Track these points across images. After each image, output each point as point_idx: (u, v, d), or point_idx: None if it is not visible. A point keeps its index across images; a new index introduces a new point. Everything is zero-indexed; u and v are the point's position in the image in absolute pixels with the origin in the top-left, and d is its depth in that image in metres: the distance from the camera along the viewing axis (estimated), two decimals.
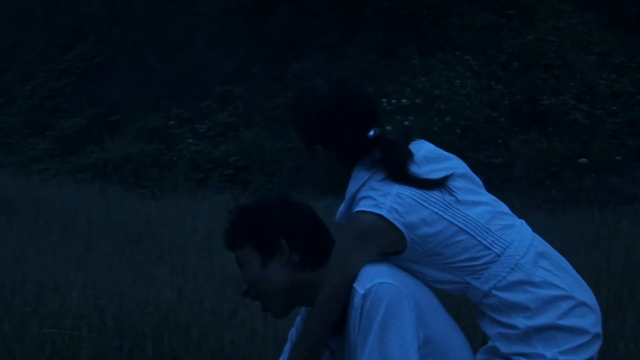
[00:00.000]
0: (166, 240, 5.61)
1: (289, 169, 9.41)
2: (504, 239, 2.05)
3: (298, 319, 2.16)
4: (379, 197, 1.94)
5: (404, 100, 9.84)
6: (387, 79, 10.44)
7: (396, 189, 1.97)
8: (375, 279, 1.87)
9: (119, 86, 11.88)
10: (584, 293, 2.09)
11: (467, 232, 2.04)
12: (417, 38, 10.98)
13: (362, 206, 1.95)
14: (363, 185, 1.99)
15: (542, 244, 2.13)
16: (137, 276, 4.53)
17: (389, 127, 2.32)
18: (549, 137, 9.22)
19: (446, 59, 10.53)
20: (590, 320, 2.04)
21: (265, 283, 2.00)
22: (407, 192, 1.97)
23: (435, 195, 2.02)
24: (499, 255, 2.03)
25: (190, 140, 10.21)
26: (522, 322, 1.96)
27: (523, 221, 2.20)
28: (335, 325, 1.94)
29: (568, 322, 1.99)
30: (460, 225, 2.04)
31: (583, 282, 2.13)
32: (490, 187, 8.68)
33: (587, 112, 9.46)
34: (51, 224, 6.08)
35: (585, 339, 2.00)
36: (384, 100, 9.96)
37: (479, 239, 2.04)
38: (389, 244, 1.97)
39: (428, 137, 9.49)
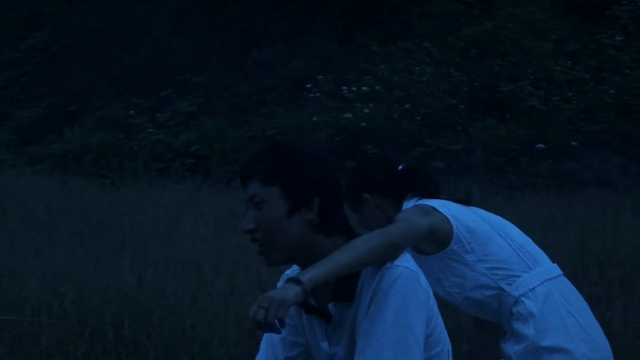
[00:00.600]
0: (127, 228, 5.59)
1: None
2: (535, 257, 2.27)
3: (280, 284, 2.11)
4: (427, 202, 2.30)
5: (364, 88, 9.90)
6: (347, 67, 10.49)
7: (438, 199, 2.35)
8: (404, 263, 1.87)
9: (78, 76, 11.74)
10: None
11: (503, 238, 2.27)
12: (376, 26, 11.04)
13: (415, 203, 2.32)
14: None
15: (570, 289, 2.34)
16: (98, 263, 4.52)
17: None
18: (507, 124, 9.34)
19: (406, 47, 10.62)
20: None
21: (281, 232, 1.88)
22: (448, 201, 2.37)
23: (471, 207, 2.41)
24: (530, 268, 2.24)
25: (151, 130, 10.15)
26: (536, 333, 2.15)
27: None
28: (342, 292, 1.90)
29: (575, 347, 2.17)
30: (498, 230, 2.29)
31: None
32: (449, 173, 8.80)
33: (543, 99, 9.60)
34: (10, 213, 6.01)
35: None
36: (344, 87, 10.01)
37: (513, 246, 2.26)
38: (443, 227, 2.23)
39: (388, 124, 9.57)
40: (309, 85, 10.28)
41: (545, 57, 10.05)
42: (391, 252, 1.87)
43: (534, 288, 2.20)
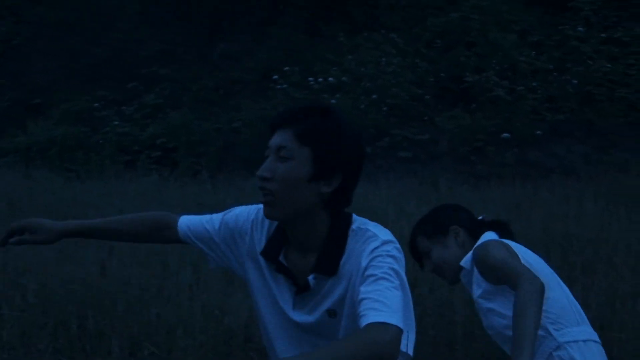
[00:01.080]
0: None
1: (217, 150, 9.38)
2: (583, 317, 2.43)
3: None
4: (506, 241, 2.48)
5: (330, 79, 9.91)
6: (314, 58, 10.49)
7: None
8: (391, 237, 1.93)
9: (41, 68, 11.58)
10: None
11: (562, 291, 2.45)
12: (343, 17, 11.05)
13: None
14: None
15: None
16: (62, 255, 4.47)
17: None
18: (472, 114, 9.42)
19: (372, 38, 10.64)
20: None
21: (296, 193, 1.90)
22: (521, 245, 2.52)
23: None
24: (578, 323, 2.38)
25: (117, 123, 10.06)
26: None
27: None
28: (327, 266, 1.92)
29: None
30: (558, 282, 2.45)
31: None
32: (416, 163, 8.84)
33: (508, 89, 9.70)
34: None
35: None
36: (310, 79, 10.01)
37: (569, 300, 2.43)
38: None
39: (355, 115, 9.56)
40: (275, 77, 10.27)
41: (510, 48, 10.15)
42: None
43: (578, 341, 2.34)
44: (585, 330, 2.39)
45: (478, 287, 2.47)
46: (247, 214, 2.06)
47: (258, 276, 2.03)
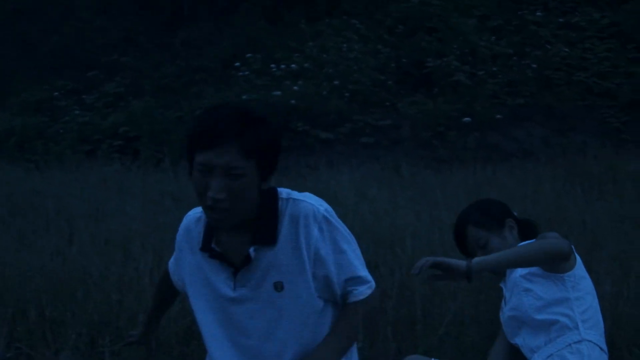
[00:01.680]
0: (52, 209, 5.49)
1: (179, 138, 9.32)
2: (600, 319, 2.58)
3: None
4: None
5: (292, 66, 9.90)
6: (276, 45, 10.47)
7: None
8: (318, 199, 2.14)
9: None
10: None
11: (592, 293, 2.59)
12: (304, 3, 11.04)
13: None
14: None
15: None
16: (21, 244, 4.44)
17: None
18: (434, 99, 9.49)
19: (334, 24, 10.66)
20: None
21: (249, 202, 2.07)
22: None
23: None
24: (602, 335, 2.53)
25: (77, 112, 9.94)
26: None
27: None
28: (265, 237, 2.07)
29: None
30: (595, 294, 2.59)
31: None
32: (379, 148, 8.88)
33: (469, 74, 9.78)
34: None
35: None
36: (272, 65, 9.99)
37: (596, 300, 2.58)
38: (572, 260, 2.54)
39: (317, 101, 9.56)
40: (237, 64, 10.23)
41: (470, 33, 10.23)
42: (555, 258, 2.42)
43: (596, 345, 2.47)
44: (604, 343, 2.53)
45: (524, 270, 2.56)
46: (177, 237, 2.26)
47: (196, 279, 2.18)
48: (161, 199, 6.11)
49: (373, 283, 2.20)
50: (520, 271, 2.54)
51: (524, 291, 2.54)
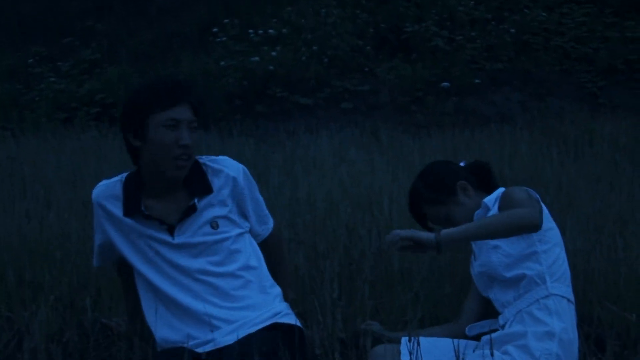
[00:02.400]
0: (29, 176, 5.45)
1: None
2: (570, 281, 2.57)
3: None
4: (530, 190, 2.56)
5: (270, 31, 9.84)
6: (253, 10, 10.39)
7: None
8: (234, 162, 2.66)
9: None
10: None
11: (560, 244, 2.59)
12: None
13: None
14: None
15: None
16: None
17: None
18: (412, 64, 9.49)
19: None
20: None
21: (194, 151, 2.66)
22: None
23: None
24: (568, 285, 2.53)
25: (53, 79, 9.83)
26: (558, 324, 2.43)
27: None
28: (202, 188, 2.55)
29: None
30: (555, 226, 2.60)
31: None
32: (358, 114, 8.86)
33: (447, 39, 9.78)
34: None
35: None
36: (250, 31, 9.92)
37: (566, 262, 2.56)
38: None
39: (296, 67, 9.51)
40: (215, 30, 10.15)
41: None
42: (525, 231, 2.41)
43: (563, 297, 2.49)
44: (571, 293, 2.54)
45: None
46: (95, 209, 2.64)
47: (127, 240, 2.57)
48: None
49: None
50: None
51: (492, 248, 2.55)
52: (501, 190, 2.66)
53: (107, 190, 2.59)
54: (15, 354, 2.87)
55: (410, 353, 2.27)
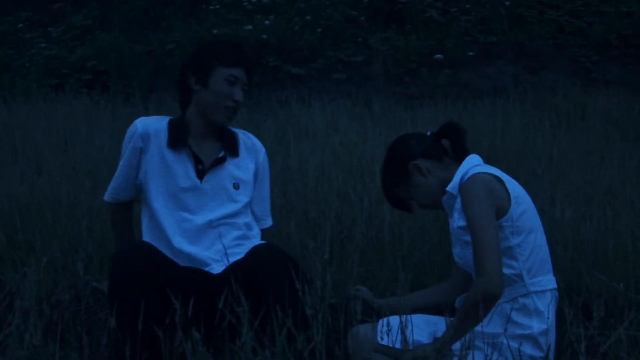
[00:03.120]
0: (19, 140, 5.43)
1: (149, 73, 9.20)
2: (550, 262, 2.48)
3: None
4: (491, 169, 2.51)
5: (264, 0, 9.76)
6: None
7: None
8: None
9: None
10: None
11: (542, 234, 2.46)
12: None
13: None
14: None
15: None
16: None
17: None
18: (406, 35, 9.45)
19: None
20: None
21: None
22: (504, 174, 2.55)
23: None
24: (548, 272, 2.43)
25: (44, 45, 9.74)
26: (537, 326, 2.37)
27: None
28: (232, 150, 2.93)
29: None
30: (539, 225, 2.47)
31: None
32: (351, 84, 8.81)
33: (441, 10, 9.73)
34: None
35: None
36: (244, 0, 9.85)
37: (546, 245, 2.46)
38: (502, 204, 2.40)
39: (289, 36, 9.43)
40: None
41: None
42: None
43: (545, 291, 2.39)
44: (552, 280, 2.44)
45: (459, 219, 2.43)
46: (134, 141, 2.85)
47: (159, 171, 2.81)
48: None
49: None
50: (457, 222, 2.43)
51: (464, 243, 2.43)
52: (472, 161, 2.49)
53: (155, 122, 2.87)
54: (6, 315, 2.87)
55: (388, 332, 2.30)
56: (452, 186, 2.46)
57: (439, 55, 9.09)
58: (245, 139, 3.00)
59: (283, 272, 2.39)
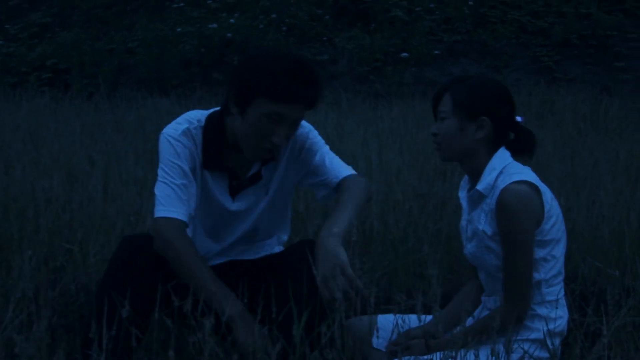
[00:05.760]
0: None
1: (111, 70, 9.04)
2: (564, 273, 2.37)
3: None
4: (532, 178, 2.22)
5: None
6: None
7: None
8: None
9: None
10: None
11: (565, 241, 2.33)
12: None
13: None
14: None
15: None
16: None
17: None
18: (372, 34, 9.46)
19: None
20: None
21: None
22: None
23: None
24: (562, 274, 2.33)
25: (1, 42, 9.50)
26: (546, 329, 2.28)
27: None
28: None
29: None
30: (564, 232, 2.32)
31: None
32: None
33: (406, 9, 9.77)
34: None
35: None
36: None
37: (564, 240, 2.33)
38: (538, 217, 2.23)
39: (254, 35, 9.39)
40: None
41: None
42: None
43: (558, 299, 2.30)
44: (562, 285, 2.35)
45: (486, 223, 2.28)
46: (182, 150, 2.29)
47: (200, 184, 2.34)
48: (99, 127, 5.93)
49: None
50: (483, 227, 2.28)
51: (486, 247, 2.31)
52: (504, 158, 2.27)
53: (190, 139, 2.32)
54: None
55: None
56: (484, 186, 2.27)
57: (405, 54, 9.12)
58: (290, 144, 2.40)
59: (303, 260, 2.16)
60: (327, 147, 2.41)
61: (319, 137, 2.41)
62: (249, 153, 2.26)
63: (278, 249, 2.56)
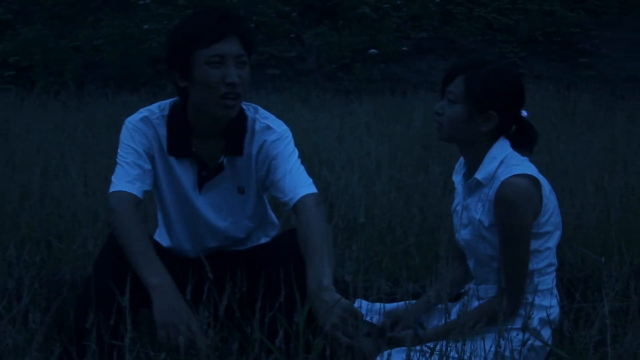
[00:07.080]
0: None
1: (77, 68, 8.88)
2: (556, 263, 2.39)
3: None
4: (531, 170, 2.24)
5: None
6: None
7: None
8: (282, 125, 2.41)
9: None
10: None
11: (560, 231, 2.34)
12: None
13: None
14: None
15: None
16: None
17: None
18: (339, 31, 9.47)
19: None
20: None
21: None
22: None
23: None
24: (555, 264, 2.35)
25: None
26: (538, 318, 2.30)
27: None
28: (234, 149, 2.36)
29: None
30: (560, 223, 2.34)
31: None
32: (285, 80, 8.73)
33: (374, 7, 9.80)
34: None
35: None
36: None
37: (559, 230, 2.34)
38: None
39: None
40: None
41: None
42: None
43: (550, 288, 2.31)
44: (554, 272, 2.36)
45: (483, 213, 2.27)
46: (137, 134, 2.33)
47: (166, 172, 2.37)
48: (70, 124, 5.83)
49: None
50: (481, 214, 2.27)
51: (480, 237, 2.30)
52: (504, 148, 2.26)
53: (148, 126, 2.34)
54: None
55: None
56: (484, 176, 2.25)
57: (373, 50, 9.14)
58: (256, 128, 2.35)
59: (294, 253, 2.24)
60: (293, 158, 2.36)
61: (289, 146, 2.37)
62: (215, 109, 2.24)
63: (264, 239, 2.59)
